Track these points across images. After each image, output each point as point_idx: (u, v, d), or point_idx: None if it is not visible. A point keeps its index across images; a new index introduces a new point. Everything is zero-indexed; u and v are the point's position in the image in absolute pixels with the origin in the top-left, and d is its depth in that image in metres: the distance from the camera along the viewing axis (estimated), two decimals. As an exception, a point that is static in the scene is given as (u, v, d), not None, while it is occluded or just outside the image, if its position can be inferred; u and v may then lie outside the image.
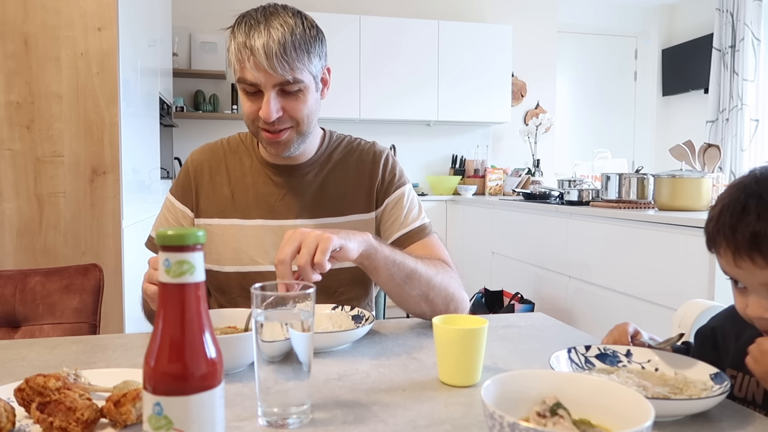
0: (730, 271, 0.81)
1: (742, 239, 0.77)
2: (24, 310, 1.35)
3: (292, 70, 1.07)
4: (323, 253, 0.89)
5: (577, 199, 3.16)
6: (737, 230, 0.78)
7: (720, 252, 0.81)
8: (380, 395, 0.78)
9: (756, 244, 0.76)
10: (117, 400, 0.65)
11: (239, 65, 1.08)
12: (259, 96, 1.10)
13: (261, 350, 0.69)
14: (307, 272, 0.89)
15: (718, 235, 0.81)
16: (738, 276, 0.81)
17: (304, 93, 1.12)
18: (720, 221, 0.81)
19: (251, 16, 1.09)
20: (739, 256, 0.78)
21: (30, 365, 0.90)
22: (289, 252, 0.89)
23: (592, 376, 0.73)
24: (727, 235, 0.79)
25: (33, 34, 2.10)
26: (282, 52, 1.05)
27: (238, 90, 1.14)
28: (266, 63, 1.05)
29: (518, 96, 5.29)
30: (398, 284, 1.06)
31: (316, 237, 0.90)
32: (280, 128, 1.13)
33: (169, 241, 0.51)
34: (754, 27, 4.44)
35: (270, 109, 1.08)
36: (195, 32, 4.58)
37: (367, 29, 4.63)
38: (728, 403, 0.76)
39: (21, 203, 2.12)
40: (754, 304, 0.79)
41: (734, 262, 0.79)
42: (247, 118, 1.15)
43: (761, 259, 0.77)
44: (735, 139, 4.56)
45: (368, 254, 1.00)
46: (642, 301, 2.44)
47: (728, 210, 0.81)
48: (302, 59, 1.08)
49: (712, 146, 2.90)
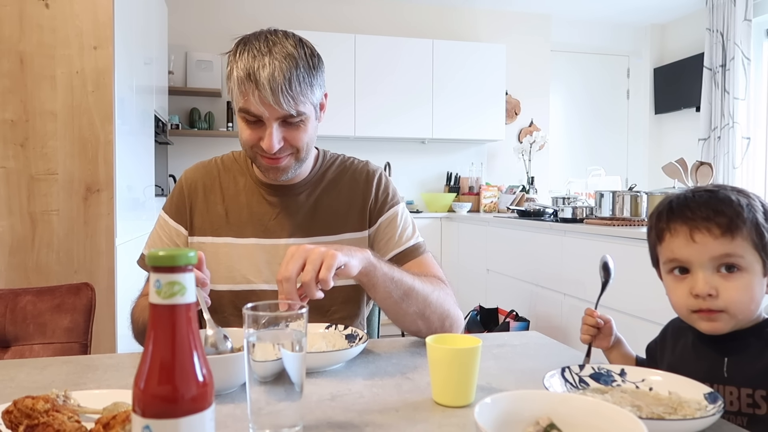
0: (681, 252, 0.87)
1: (699, 212, 0.85)
2: (14, 329, 1.34)
3: (296, 104, 1.07)
4: (329, 270, 0.88)
5: (571, 217, 3.17)
6: (692, 207, 0.87)
7: (673, 233, 0.88)
8: (373, 416, 0.77)
9: (714, 215, 0.84)
10: (106, 422, 0.64)
11: (243, 97, 1.07)
12: (260, 125, 1.10)
13: (253, 370, 0.68)
14: (311, 289, 0.88)
15: (672, 217, 0.88)
16: (689, 255, 0.86)
17: (305, 123, 1.12)
18: (673, 206, 0.89)
19: (253, 44, 1.07)
20: (696, 229, 0.85)
21: (19, 386, 0.89)
22: (295, 268, 0.88)
23: (585, 396, 0.73)
24: (683, 214, 0.87)
25: (29, 53, 2.11)
26: (287, 87, 1.05)
27: (238, 117, 1.13)
28: (272, 98, 1.04)
29: (512, 114, 5.33)
30: (396, 301, 1.06)
31: (321, 254, 0.90)
32: (280, 155, 1.13)
33: (160, 261, 0.51)
34: (744, 47, 4.50)
35: (273, 141, 1.09)
36: (191, 50, 4.61)
37: (362, 48, 4.67)
38: (722, 422, 0.75)
39: (14, 221, 2.12)
40: (701, 282, 0.85)
41: (690, 237, 0.85)
42: (246, 144, 1.14)
43: (717, 229, 0.84)
44: (727, 157, 4.59)
45: (367, 271, 1.00)
46: (636, 318, 2.44)
47: (678, 198, 0.90)
48: (306, 92, 1.08)
49: (705, 164, 2.92)
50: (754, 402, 0.83)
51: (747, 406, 0.84)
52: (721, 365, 0.87)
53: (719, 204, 0.85)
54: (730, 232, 0.84)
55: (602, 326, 1.02)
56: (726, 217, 0.84)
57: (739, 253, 0.85)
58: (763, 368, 0.84)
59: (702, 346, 0.91)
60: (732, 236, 0.84)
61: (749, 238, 0.85)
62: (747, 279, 0.85)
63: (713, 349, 0.89)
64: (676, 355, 0.94)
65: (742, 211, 0.85)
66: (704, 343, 0.91)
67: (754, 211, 0.85)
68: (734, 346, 0.88)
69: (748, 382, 0.84)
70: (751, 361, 0.85)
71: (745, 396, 0.84)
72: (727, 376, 0.86)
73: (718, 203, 0.86)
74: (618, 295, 2.58)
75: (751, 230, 0.85)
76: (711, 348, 0.89)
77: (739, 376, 0.85)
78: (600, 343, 1.03)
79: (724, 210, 0.85)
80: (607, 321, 1.02)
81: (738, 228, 0.84)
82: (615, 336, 1.03)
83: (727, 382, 0.85)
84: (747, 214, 0.85)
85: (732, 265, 0.85)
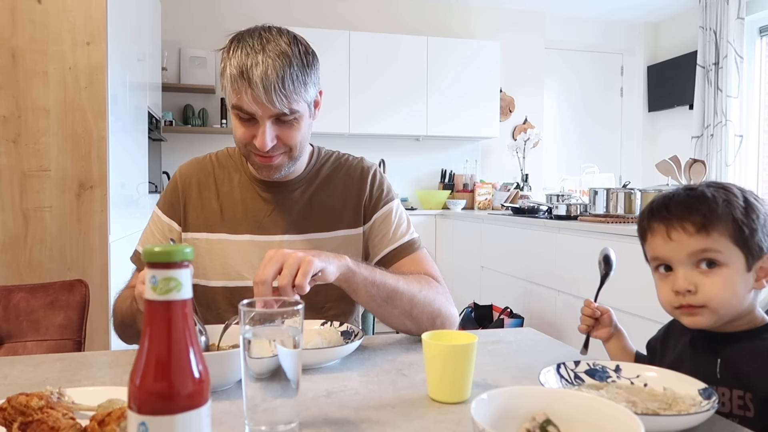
0: (660, 250, 0.90)
1: (675, 211, 0.88)
2: (7, 326, 1.33)
3: (290, 103, 1.07)
4: (304, 276, 0.88)
5: (565, 214, 3.18)
6: (669, 207, 0.89)
7: (653, 232, 0.91)
8: (369, 412, 0.77)
9: (688, 213, 0.87)
10: (101, 419, 0.64)
11: (235, 95, 1.07)
12: (253, 123, 1.10)
13: (249, 367, 0.68)
14: (287, 293, 0.88)
15: (652, 217, 0.91)
16: (668, 253, 0.89)
17: (299, 121, 1.12)
18: (653, 205, 0.93)
19: (247, 41, 1.06)
20: (672, 227, 0.88)
21: (12, 383, 0.89)
22: (271, 272, 0.88)
23: (581, 392, 0.73)
24: (661, 214, 0.90)
25: (21, 48, 2.10)
26: (280, 86, 1.04)
27: (231, 114, 1.13)
28: (264, 97, 1.04)
29: (506, 111, 5.33)
30: (379, 304, 1.07)
31: (297, 259, 0.90)
32: (273, 154, 1.13)
33: (156, 257, 0.51)
34: (737, 44, 4.52)
35: (266, 139, 1.08)
36: (184, 47, 4.59)
37: (357, 45, 4.66)
38: (717, 418, 0.76)
39: (6, 218, 2.10)
40: (680, 279, 0.87)
41: (667, 235, 0.88)
42: (239, 142, 1.14)
43: (692, 227, 0.86)
44: (720, 155, 4.62)
45: (346, 277, 1.00)
46: (630, 315, 2.45)
47: (658, 199, 0.93)
48: (299, 91, 1.08)
49: (698, 161, 2.93)
50: (745, 404, 0.83)
51: (738, 407, 0.84)
52: (714, 366, 0.88)
53: (694, 202, 0.87)
54: (705, 229, 0.85)
55: (600, 317, 1.03)
56: (700, 215, 0.86)
57: (716, 248, 0.85)
58: (752, 371, 0.84)
59: (698, 346, 0.91)
60: (707, 232, 0.85)
61: (726, 233, 0.85)
62: (727, 274, 0.86)
63: (708, 349, 0.90)
64: (676, 354, 0.95)
65: (717, 207, 0.86)
66: (700, 343, 0.91)
67: (731, 207, 0.86)
68: (726, 347, 0.88)
69: (739, 384, 0.84)
70: (741, 364, 0.86)
71: (737, 398, 0.84)
72: (720, 377, 0.87)
73: (692, 201, 0.87)
74: (611, 291, 2.58)
75: (728, 225, 0.85)
76: (705, 348, 0.90)
77: (730, 378, 0.86)
78: (598, 334, 1.04)
79: (698, 207, 0.86)
80: (606, 312, 1.03)
81: (712, 224, 0.85)
82: (614, 327, 1.03)
83: (720, 383, 0.86)
84: (722, 210, 0.85)
85: (711, 261, 0.86)
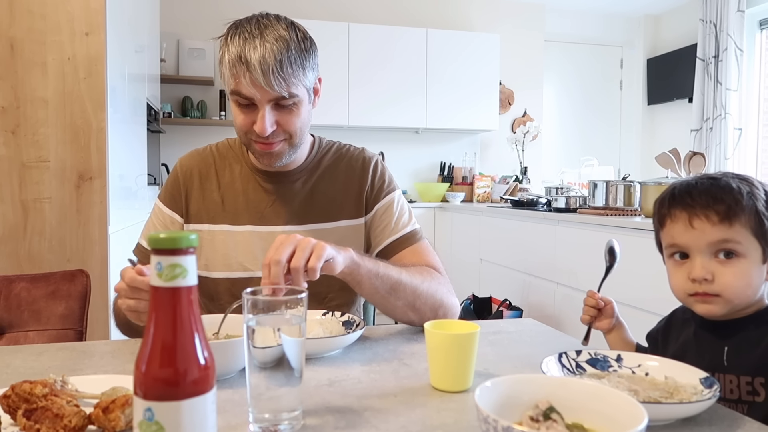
0: (680, 238, 0.89)
1: (699, 199, 0.87)
2: (9, 316, 1.33)
3: (288, 86, 1.07)
4: (318, 259, 0.89)
5: (564, 206, 3.18)
6: (693, 194, 0.88)
7: (673, 218, 0.90)
8: (372, 401, 0.78)
9: (713, 202, 0.86)
10: (106, 406, 0.64)
11: (234, 80, 1.07)
12: (253, 109, 1.10)
13: (253, 356, 0.68)
14: (299, 276, 0.88)
15: (674, 204, 0.90)
16: (688, 241, 0.88)
17: (298, 106, 1.12)
18: (675, 191, 0.91)
19: (245, 27, 1.07)
20: (695, 215, 0.87)
21: (15, 372, 0.89)
22: (286, 254, 0.88)
23: (584, 380, 0.73)
24: (684, 201, 0.89)
25: (19, 39, 2.08)
26: (278, 68, 1.04)
27: (231, 101, 1.13)
28: (263, 80, 1.04)
29: (506, 104, 5.32)
30: (383, 296, 1.07)
31: (311, 243, 0.90)
32: (273, 140, 1.13)
33: (161, 244, 0.51)
34: (737, 38, 4.51)
35: (265, 124, 1.08)
36: (183, 38, 4.57)
37: (356, 37, 4.64)
38: (718, 407, 0.76)
39: (5, 209, 2.10)
40: (698, 267, 0.87)
41: (689, 223, 0.87)
42: (240, 129, 1.14)
43: (715, 216, 0.86)
44: (719, 148, 4.62)
45: (351, 270, 1.00)
46: (629, 308, 2.45)
47: (681, 185, 0.92)
48: (297, 74, 1.08)
49: (697, 154, 2.93)
50: (754, 389, 0.84)
51: (747, 393, 0.85)
52: (721, 354, 0.88)
53: (719, 191, 0.87)
54: (728, 219, 0.86)
55: (603, 307, 1.03)
56: (724, 204, 0.86)
57: (737, 239, 0.86)
58: (761, 355, 0.85)
59: (703, 336, 0.92)
60: (730, 223, 0.86)
61: (748, 225, 0.86)
62: (744, 265, 0.86)
63: (714, 337, 0.90)
64: (679, 345, 0.95)
65: (742, 199, 0.86)
66: (705, 332, 0.92)
67: (754, 199, 0.86)
68: (733, 334, 0.89)
69: (747, 369, 0.85)
70: (749, 349, 0.86)
71: (745, 384, 0.85)
72: (727, 365, 0.87)
73: (718, 190, 0.87)
74: (611, 284, 2.59)
75: (750, 217, 0.86)
76: (711, 336, 0.90)
77: (738, 364, 0.86)
78: (600, 325, 1.04)
79: (723, 197, 0.86)
80: (608, 303, 1.04)
81: (736, 215, 0.85)
82: (616, 319, 1.04)
83: (727, 371, 0.86)
84: (747, 202, 0.86)
85: (730, 251, 0.87)
